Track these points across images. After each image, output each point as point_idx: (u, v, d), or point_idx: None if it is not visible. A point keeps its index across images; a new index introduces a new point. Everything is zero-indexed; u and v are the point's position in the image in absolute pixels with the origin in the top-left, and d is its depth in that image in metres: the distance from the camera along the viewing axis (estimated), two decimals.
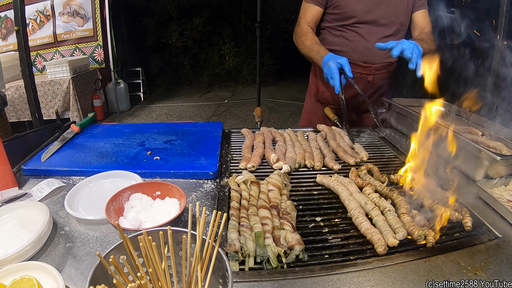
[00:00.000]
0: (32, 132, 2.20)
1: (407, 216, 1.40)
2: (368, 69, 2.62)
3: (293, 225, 1.36)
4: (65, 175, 1.82)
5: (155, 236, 0.86)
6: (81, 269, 1.19)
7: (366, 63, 2.61)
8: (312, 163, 1.94)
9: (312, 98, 3.01)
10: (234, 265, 1.20)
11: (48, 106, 7.69)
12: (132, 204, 1.41)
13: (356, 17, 2.49)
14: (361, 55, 2.59)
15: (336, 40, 2.66)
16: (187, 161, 1.89)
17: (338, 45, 2.64)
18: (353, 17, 2.50)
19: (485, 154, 1.73)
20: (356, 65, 2.58)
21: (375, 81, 2.68)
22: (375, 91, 2.76)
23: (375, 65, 2.61)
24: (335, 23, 2.63)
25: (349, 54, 2.50)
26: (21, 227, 1.35)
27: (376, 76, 2.66)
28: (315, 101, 2.97)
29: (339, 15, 2.57)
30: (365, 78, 2.66)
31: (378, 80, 2.69)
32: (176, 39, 12.90)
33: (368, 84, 2.68)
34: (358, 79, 2.61)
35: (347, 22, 2.55)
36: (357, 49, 2.58)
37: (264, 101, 10.36)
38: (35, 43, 8.84)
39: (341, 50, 2.60)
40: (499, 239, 1.36)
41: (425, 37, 2.49)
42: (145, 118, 9.38)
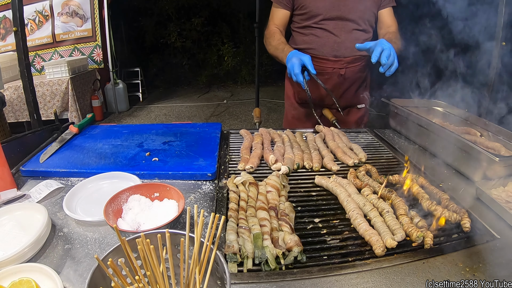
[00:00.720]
0: (31, 133, 2.20)
1: (406, 217, 1.41)
2: (340, 63, 2.66)
3: (291, 226, 1.36)
4: (64, 176, 1.82)
5: (153, 238, 0.86)
6: (80, 270, 1.18)
7: (337, 57, 2.65)
8: (311, 164, 1.94)
9: (290, 100, 3.07)
10: (233, 267, 1.20)
11: (47, 107, 7.68)
12: (130, 206, 1.41)
13: (322, 14, 2.56)
14: (331, 50, 2.64)
15: (305, 39, 2.72)
16: (185, 162, 1.89)
17: (308, 43, 2.71)
18: (319, 14, 2.57)
19: (484, 155, 1.73)
20: (327, 60, 2.66)
21: (347, 75, 2.71)
22: (350, 85, 2.79)
23: (346, 59, 2.65)
24: (303, 23, 2.69)
25: (319, 50, 2.64)
26: (20, 228, 1.35)
27: (348, 69, 2.69)
28: (294, 102, 3.04)
29: (305, 15, 2.64)
30: (337, 72, 2.69)
31: (351, 73, 2.72)
32: (175, 39, 12.90)
33: (341, 78, 2.72)
34: (330, 73, 2.69)
35: (314, 20, 2.62)
36: (326, 44, 2.64)
37: (263, 101, 10.36)
38: (34, 43, 8.83)
39: (311, 48, 2.69)
40: (497, 240, 1.36)
41: (393, 37, 2.55)
42: (144, 118, 9.37)
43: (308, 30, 2.68)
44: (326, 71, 2.69)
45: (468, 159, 1.86)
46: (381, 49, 2.15)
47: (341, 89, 2.77)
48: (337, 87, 2.75)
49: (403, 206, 1.48)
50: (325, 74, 2.69)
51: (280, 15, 2.75)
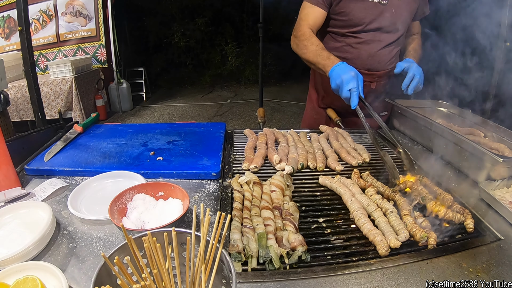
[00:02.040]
0: (35, 132, 2.20)
1: (409, 217, 1.41)
2: (371, 76, 2.58)
3: (295, 226, 1.36)
4: (68, 175, 1.82)
5: (158, 237, 0.86)
6: (84, 269, 1.19)
7: (369, 70, 2.56)
8: (315, 164, 1.94)
9: (313, 104, 2.97)
10: (237, 266, 1.20)
11: (51, 106, 7.71)
12: (135, 205, 1.42)
13: (362, 25, 2.42)
14: (364, 63, 2.53)
15: (339, 46, 2.58)
16: (190, 162, 1.90)
17: (341, 52, 2.56)
18: (359, 25, 2.43)
19: (488, 156, 1.73)
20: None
21: (377, 88, 2.65)
22: (377, 97, 2.70)
23: (378, 73, 2.57)
24: (339, 29, 2.54)
25: (352, 61, 2.45)
26: (24, 226, 1.36)
27: (378, 83, 2.63)
28: (315, 106, 2.94)
29: (344, 22, 2.47)
30: (368, 86, 2.61)
31: (381, 87, 2.66)
32: (179, 39, 12.93)
33: (371, 91, 2.64)
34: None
35: (352, 30, 2.47)
36: (360, 56, 2.52)
37: (267, 101, 10.36)
38: (38, 43, 8.85)
39: (344, 57, 2.50)
40: (501, 241, 1.36)
41: (418, 48, 2.60)
42: (148, 118, 9.39)
43: (343, 38, 2.55)
44: None
45: (472, 160, 1.85)
46: (412, 76, 2.29)
47: (368, 100, 2.66)
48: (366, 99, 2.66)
49: (407, 206, 1.48)
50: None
51: (317, 15, 2.47)
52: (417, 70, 2.30)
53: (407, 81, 2.30)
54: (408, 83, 2.29)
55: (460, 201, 1.58)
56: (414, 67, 2.32)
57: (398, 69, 2.38)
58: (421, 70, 2.32)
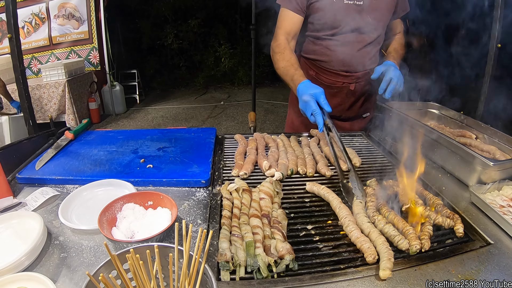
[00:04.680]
0: (27, 140, 2.20)
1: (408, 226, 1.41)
2: (350, 78, 2.57)
3: (283, 234, 1.37)
4: (59, 184, 1.82)
5: (143, 250, 0.87)
6: (76, 279, 1.20)
7: (348, 72, 2.54)
8: (305, 169, 1.95)
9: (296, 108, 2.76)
10: (225, 275, 1.21)
11: (44, 109, 7.70)
12: (124, 214, 1.42)
13: (338, 27, 2.40)
14: (342, 65, 2.52)
15: (317, 49, 2.56)
16: (179, 169, 1.90)
17: (318, 55, 2.57)
18: (335, 27, 2.41)
19: (478, 159, 1.74)
20: (337, 75, 2.55)
21: (356, 89, 2.62)
22: (357, 98, 2.70)
23: (356, 74, 2.56)
24: (316, 33, 2.51)
25: (330, 64, 2.51)
26: (16, 237, 1.36)
27: (358, 84, 2.60)
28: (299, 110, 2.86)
29: (320, 25, 2.45)
30: (346, 87, 2.60)
31: (360, 87, 2.63)
32: (172, 41, 12.91)
33: (350, 93, 2.63)
34: (340, 88, 2.59)
35: (329, 32, 2.45)
36: (339, 58, 2.50)
37: (260, 102, 10.38)
38: (30, 46, 8.84)
39: (321, 60, 2.56)
40: (490, 246, 1.37)
41: (399, 48, 2.59)
42: (141, 120, 9.38)
43: (320, 40, 2.51)
44: (336, 85, 2.59)
45: (462, 163, 1.87)
46: (388, 80, 2.26)
47: (348, 102, 2.68)
48: (345, 101, 2.67)
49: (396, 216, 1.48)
50: (334, 88, 2.58)
51: (293, 21, 2.43)
52: (395, 73, 2.27)
53: (384, 85, 2.28)
54: (385, 87, 2.27)
55: (450, 205, 1.60)
56: (391, 70, 2.29)
57: (375, 74, 2.37)
58: (399, 73, 2.30)
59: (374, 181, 1.79)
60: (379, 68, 2.36)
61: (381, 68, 2.35)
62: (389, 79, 2.26)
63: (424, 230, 1.40)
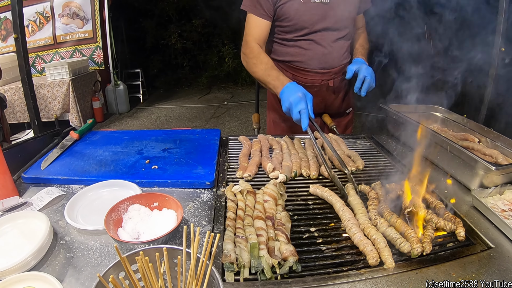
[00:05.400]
0: (32, 139, 2.22)
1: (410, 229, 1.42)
2: (328, 74, 2.60)
3: (287, 236, 1.38)
4: (65, 184, 1.84)
5: (152, 252, 0.89)
6: (82, 279, 1.21)
7: (325, 69, 2.57)
8: (308, 172, 1.96)
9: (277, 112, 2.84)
10: (230, 276, 1.23)
11: (48, 108, 7.72)
12: (130, 215, 1.44)
13: (308, 27, 2.42)
14: (318, 62, 2.54)
15: (290, 51, 2.57)
16: (184, 170, 1.91)
17: (293, 55, 2.56)
18: (305, 27, 2.42)
19: (480, 164, 1.73)
20: (315, 73, 2.57)
21: (336, 85, 2.66)
22: (338, 93, 2.74)
23: (333, 69, 2.59)
24: (287, 35, 2.51)
25: (306, 63, 2.53)
26: (22, 237, 1.37)
27: (336, 79, 2.64)
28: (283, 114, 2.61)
29: (290, 27, 2.45)
30: (325, 84, 2.63)
31: (339, 82, 2.67)
32: (176, 40, 12.92)
33: (330, 89, 2.66)
34: (319, 86, 2.62)
35: (300, 33, 2.46)
36: (314, 57, 2.52)
37: (263, 103, 10.33)
38: (35, 45, 8.87)
39: (297, 60, 2.56)
40: (491, 250, 1.37)
41: (364, 43, 2.67)
42: (144, 120, 9.40)
43: (292, 41, 2.53)
44: (315, 84, 2.61)
45: (465, 167, 1.87)
46: (362, 78, 2.37)
47: (330, 99, 2.72)
48: (326, 98, 2.70)
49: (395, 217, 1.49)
50: (314, 87, 2.59)
51: (262, 27, 2.43)
52: (367, 71, 2.37)
53: (359, 84, 2.38)
54: (360, 85, 2.38)
55: (452, 208, 1.60)
56: (364, 68, 2.39)
57: (349, 74, 2.45)
58: (371, 70, 2.39)
59: (378, 184, 1.79)
60: (351, 67, 2.46)
61: (353, 67, 2.45)
62: (363, 77, 2.37)
63: (426, 233, 1.41)
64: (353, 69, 2.44)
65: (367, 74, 2.35)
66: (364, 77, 2.35)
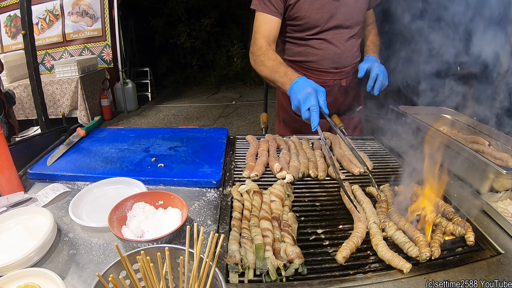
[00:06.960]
0: (39, 135, 2.22)
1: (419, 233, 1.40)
2: (340, 74, 2.55)
3: (293, 237, 1.36)
4: (70, 180, 1.83)
5: (154, 251, 0.87)
6: (84, 276, 1.20)
7: (337, 68, 2.51)
8: (316, 172, 1.94)
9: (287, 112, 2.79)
10: (234, 277, 1.21)
11: (56, 105, 7.77)
12: (134, 213, 1.43)
13: (320, 26, 2.35)
14: (331, 62, 2.48)
15: (301, 50, 2.51)
16: (191, 169, 1.89)
17: (304, 55, 2.50)
18: (317, 26, 2.36)
19: (491, 167, 1.70)
20: (328, 73, 2.52)
21: (348, 84, 2.62)
22: (349, 93, 2.70)
23: (346, 69, 2.54)
24: (298, 34, 2.45)
25: (318, 63, 2.47)
26: (26, 232, 1.36)
27: (348, 79, 2.60)
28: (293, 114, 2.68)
29: (301, 26, 2.39)
30: (338, 84, 2.58)
31: (350, 81, 2.63)
32: (185, 39, 12.96)
33: (342, 89, 2.62)
34: (332, 86, 2.57)
35: (311, 32, 2.39)
36: (326, 56, 2.46)
37: (272, 103, 10.32)
38: (44, 42, 8.93)
39: (308, 60, 2.50)
40: (501, 256, 1.34)
41: (375, 39, 2.63)
42: (153, 118, 9.42)
43: (304, 41, 2.46)
44: (327, 84, 2.52)
45: (475, 171, 1.83)
46: (375, 77, 2.30)
47: (341, 98, 2.68)
48: (338, 97, 2.66)
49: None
50: (326, 87, 2.38)
51: (271, 24, 2.34)
52: (379, 69, 2.30)
53: (371, 83, 2.32)
54: (372, 84, 2.31)
55: (461, 212, 1.57)
56: (376, 66, 2.32)
57: (361, 73, 2.39)
58: (383, 68, 2.33)
59: (387, 186, 1.76)
60: (363, 66, 2.40)
61: (365, 65, 2.39)
62: (375, 76, 2.30)
63: (435, 237, 1.38)
64: (365, 67, 2.38)
65: (380, 72, 2.29)
66: (376, 75, 2.29)
